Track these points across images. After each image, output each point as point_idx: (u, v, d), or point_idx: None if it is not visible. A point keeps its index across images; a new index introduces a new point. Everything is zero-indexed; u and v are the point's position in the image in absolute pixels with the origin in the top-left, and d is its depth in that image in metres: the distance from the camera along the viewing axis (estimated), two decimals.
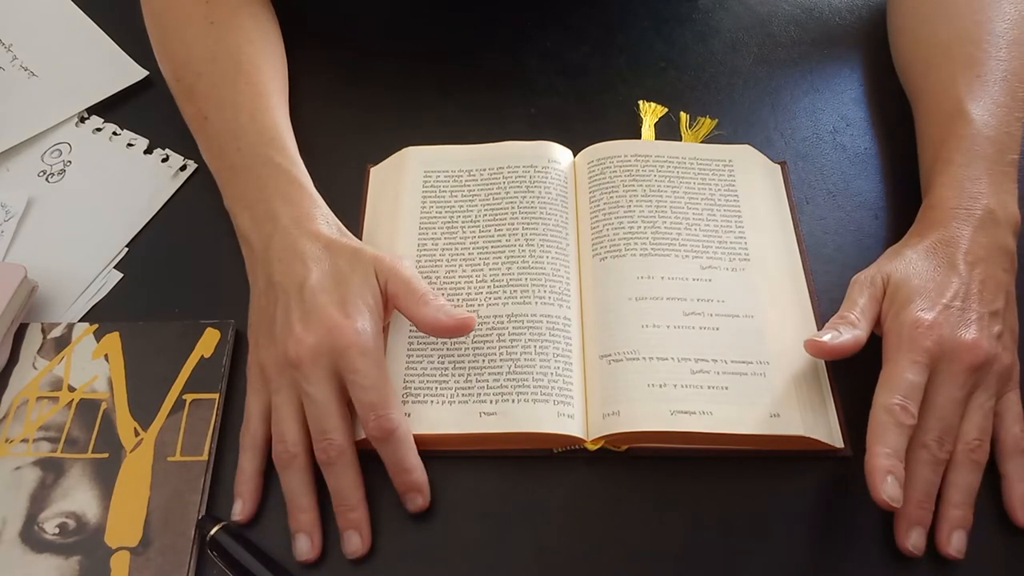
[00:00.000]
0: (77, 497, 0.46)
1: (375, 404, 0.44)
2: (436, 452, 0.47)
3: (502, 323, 0.49)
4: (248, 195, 0.52)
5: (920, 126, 0.55)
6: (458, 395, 0.47)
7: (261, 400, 0.47)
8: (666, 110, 0.61)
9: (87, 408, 0.49)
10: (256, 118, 0.54)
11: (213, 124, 0.55)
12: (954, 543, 0.43)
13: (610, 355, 0.48)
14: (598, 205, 0.55)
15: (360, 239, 0.54)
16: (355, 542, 0.44)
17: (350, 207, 0.56)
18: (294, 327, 0.45)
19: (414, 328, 0.50)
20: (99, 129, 0.61)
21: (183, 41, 0.58)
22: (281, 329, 0.46)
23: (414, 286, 0.47)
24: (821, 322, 0.50)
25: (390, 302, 0.48)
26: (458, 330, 0.47)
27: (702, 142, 0.59)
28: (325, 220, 0.50)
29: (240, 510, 0.45)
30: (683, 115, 0.60)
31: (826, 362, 0.49)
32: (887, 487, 0.40)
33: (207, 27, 0.57)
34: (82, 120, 0.62)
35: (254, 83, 0.55)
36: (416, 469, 0.45)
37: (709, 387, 0.47)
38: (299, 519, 0.44)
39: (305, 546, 0.44)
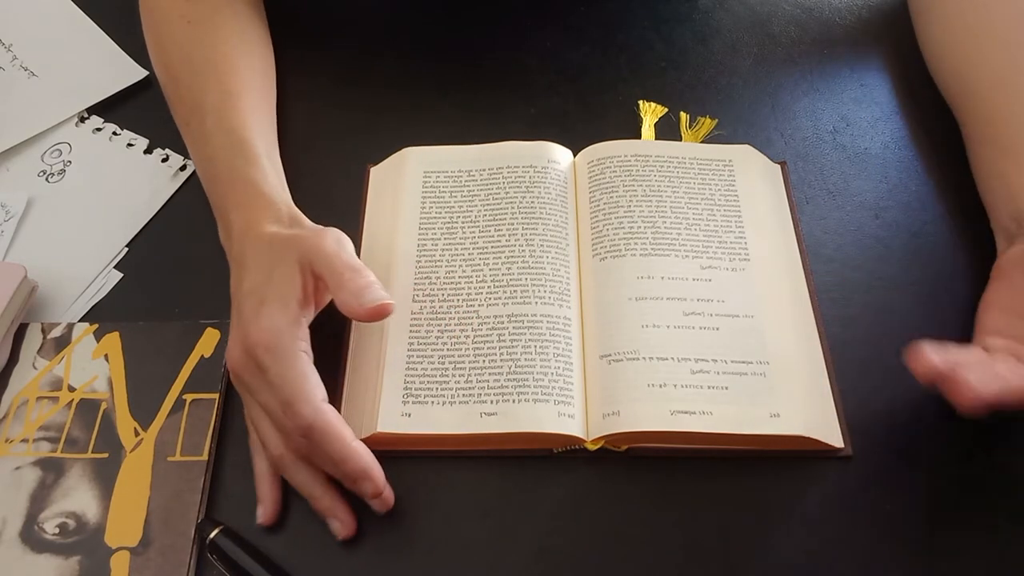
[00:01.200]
0: (77, 497, 0.46)
1: (286, 402, 0.42)
2: (436, 452, 0.47)
3: (502, 323, 0.49)
4: (218, 205, 0.52)
5: (987, 111, 0.53)
6: (459, 395, 0.47)
7: None
8: (666, 110, 0.61)
9: (87, 408, 0.49)
10: (223, 120, 0.53)
11: (191, 130, 0.55)
12: None
13: (610, 355, 0.48)
14: (598, 205, 0.55)
15: (360, 239, 0.54)
16: (335, 527, 0.44)
17: (350, 207, 0.56)
18: (230, 339, 0.45)
19: (415, 328, 0.50)
20: (99, 129, 0.61)
21: (163, 43, 0.58)
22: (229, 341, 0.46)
23: (334, 265, 0.45)
24: (822, 322, 0.50)
25: (321, 284, 0.46)
26: (371, 318, 0.44)
27: (702, 142, 0.59)
28: (275, 218, 0.48)
29: (261, 513, 0.45)
30: (683, 115, 0.60)
31: (826, 362, 0.49)
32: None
33: (185, 27, 0.57)
34: (82, 120, 0.62)
35: (225, 83, 0.54)
36: (350, 458, 0.42)
37: (709, 387, 0.47)
38: (319, 506, 0.44)
39: (335, 527, 0.44)
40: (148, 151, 0.60)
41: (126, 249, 0.56)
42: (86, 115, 0.62)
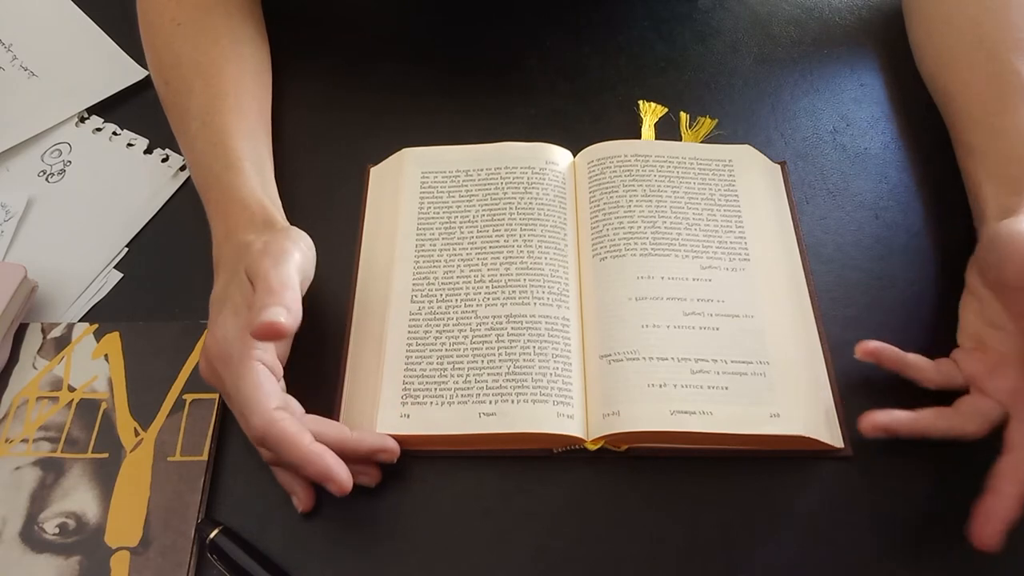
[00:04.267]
0: (77, 497, 0.46)
1: (241, 413, 0.43)
2: (436, 452, 0.47)
3: (500, 323, 0.49)
4: (207, 212, 0.51)
5: (971, 104, 0.53)
6: (457, 396, 0.47)
7: None
8: (666, 110, 0.61)
9: (87, 408, 0.49)
10: (206, 123, 0.52)
11: (180, 134, 0.55)
12: None
13: (610, 355, 0.48)
14: (598, 205, 0.55)
15: (361, 239, 0.54)
16: (364, 480, 0.45)
17: (351, 207, 0.56)
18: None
19: (413, 329, 0.50)
20: (99, 129, 0.61)
21: (156, 46, 0.57)
22: None
23: (258, 283, 0.43)
24: (821, 322, 0.50)
25: None
26: (258, 336, 0.41)
27: (702, 142, 0.59)
28: (249, 223, 0.48)
29: (297, 503, 0.45)
30: (683, 115, 0.60)
31: (826, 362, 0.49)
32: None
33: (174, 30, 0.56)
34: (82, 120, 0.62)
35: (211, 86, 0.54)
36: (308, 463, 0.41)
37: (709, 387, 0.47)
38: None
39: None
40: (148, 151, 0.60)
41: (126, 249, 0.56)
42: (86, 115, 0.62)
